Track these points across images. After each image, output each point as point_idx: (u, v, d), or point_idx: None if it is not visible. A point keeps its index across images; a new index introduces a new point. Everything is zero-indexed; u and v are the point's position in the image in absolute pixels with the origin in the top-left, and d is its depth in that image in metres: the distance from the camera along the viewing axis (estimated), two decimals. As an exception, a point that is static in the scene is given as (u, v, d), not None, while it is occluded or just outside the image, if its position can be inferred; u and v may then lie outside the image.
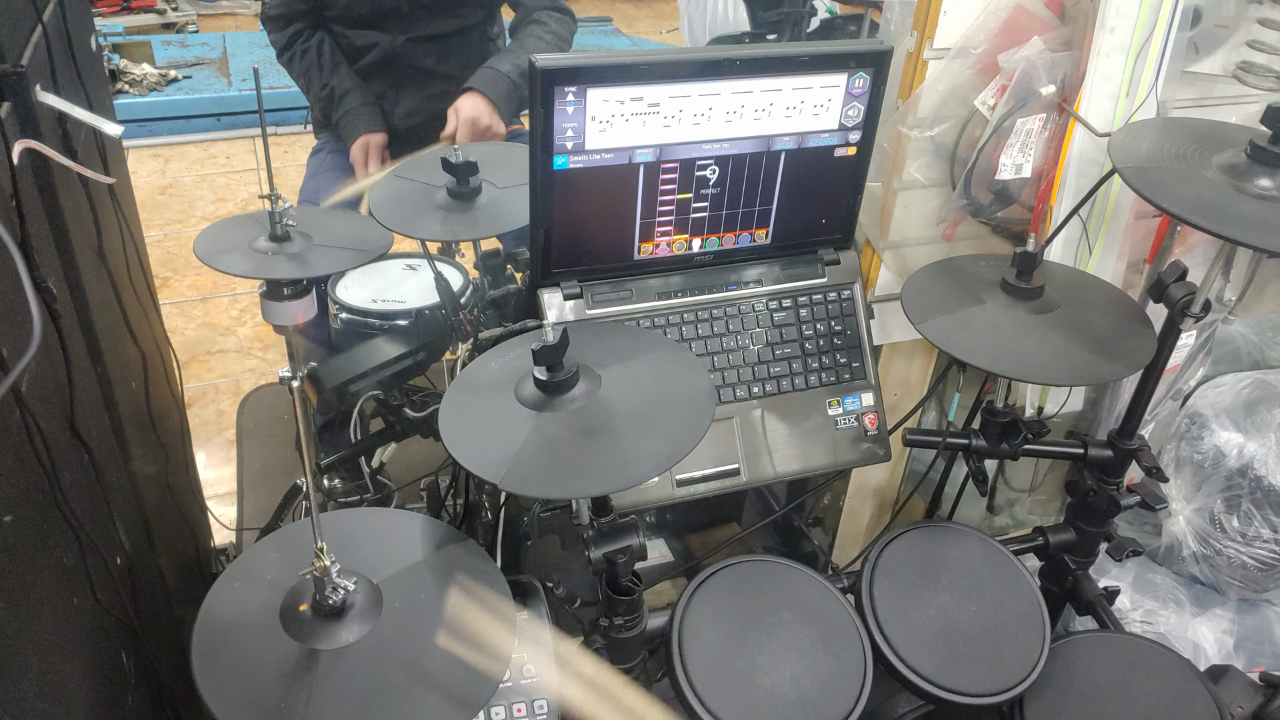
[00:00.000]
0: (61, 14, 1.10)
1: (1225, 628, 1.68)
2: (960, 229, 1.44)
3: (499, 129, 1.87)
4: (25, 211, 0.78)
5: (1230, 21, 1.33)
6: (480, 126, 1.84)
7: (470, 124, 1.82)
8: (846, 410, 1.32)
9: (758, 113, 1.18)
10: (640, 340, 1.11)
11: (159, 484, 1.41)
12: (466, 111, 1.83)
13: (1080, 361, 1.14)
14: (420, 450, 1.68)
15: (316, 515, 0.84)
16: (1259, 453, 1.62)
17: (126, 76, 4.22)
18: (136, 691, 1.00)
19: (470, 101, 1.84)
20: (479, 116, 1.83)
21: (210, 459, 2.40)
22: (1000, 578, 1.23)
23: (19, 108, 0.85)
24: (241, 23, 5.56)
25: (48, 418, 0.81)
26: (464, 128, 1.82)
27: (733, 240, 1.28)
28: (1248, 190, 1.08)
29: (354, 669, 0.82)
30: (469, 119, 1.82)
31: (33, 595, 0.72)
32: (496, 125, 1.86)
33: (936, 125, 1.34)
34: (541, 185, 1.15)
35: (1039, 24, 1.30)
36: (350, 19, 1.92)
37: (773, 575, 1.20)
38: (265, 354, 2.82)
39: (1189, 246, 1.45)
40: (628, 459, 0.89)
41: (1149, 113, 1.31)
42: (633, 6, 6.39)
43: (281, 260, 1.17)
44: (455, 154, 1.31)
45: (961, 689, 1.11)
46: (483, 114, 1.84)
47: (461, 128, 1.82)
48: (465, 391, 1.01)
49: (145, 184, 3.73)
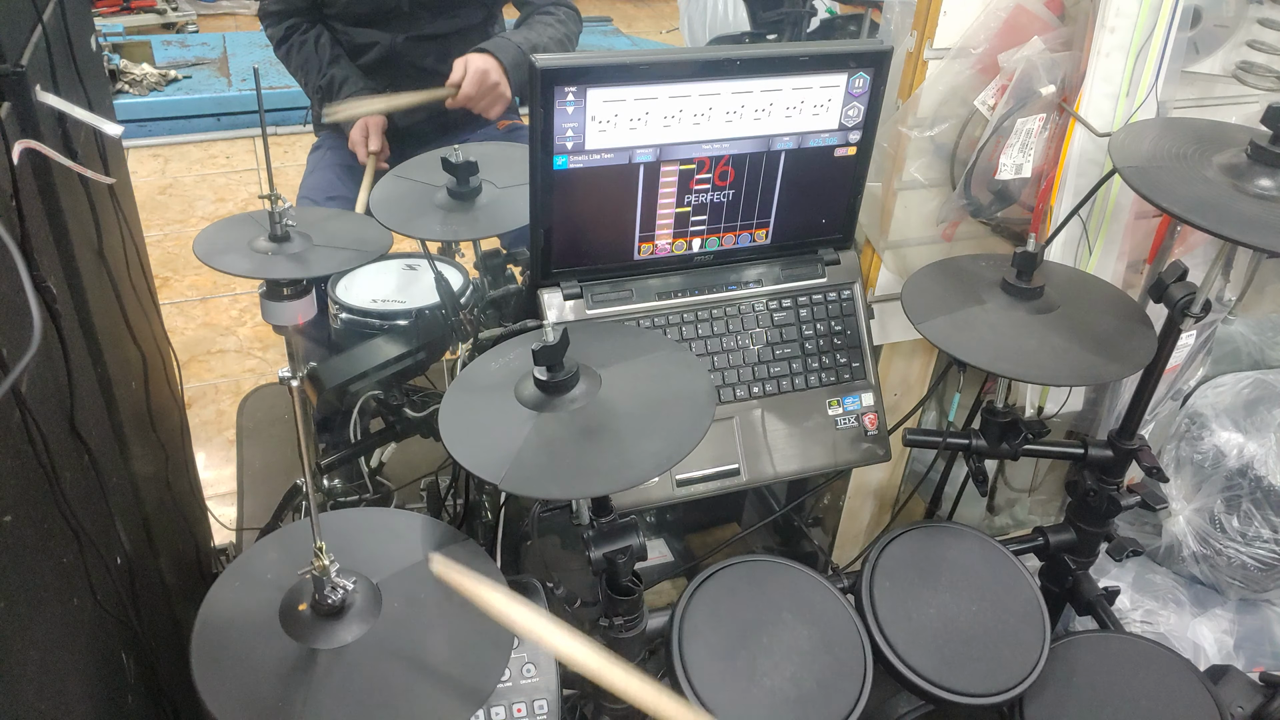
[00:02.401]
0: (61, 14, 1.10)
1: (1225, 628, 1.68)
2: (960, 229, 1.44)
3: (505, 91, 1.81)
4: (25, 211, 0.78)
5: (1230, 21, 1.33)
6: (489, 81, 1.76)
7: (480, 75, 1.75)
8: (846, 410, 1.32)
9: (758, 113, 1.18)
10: (640, 340, 1.11)
11: (159, 484, 1.40)
12: (477, 63, 1.75)
13: (1080, 361, 1.14)
14: (420, 450, 1.68)
15: (316, 515, 0.84)
16: (1259, 453, 1.62)
17: (126, 76, 4.22)
18: (136, 691, 1.00)
19: (481, 57, 1.78)
20: (489, 71, 1.76)
21: (210, 459, 2.40)
22: (1000, 578, 1.23)
23: (19, 108, 0.85)
24: (241, 23, 5.56)
25: (48, 418, 0.81)
26: (473, 76, 1.74)
27: (733, 240, 1.28)
28: (1248, 190, 1.08)
29: (353, 669, 0.82)
30: (479, 69, 1.75)
31: (33, 595, 0.72)
32: (504, 87, 1.80)
33: (936, 125, 1.34)
34: (541, 185, 1.15)
35: (1039, 24, 1.30)
36: (350, 16, 1.92)
37: (773, 575, 1.20)
38: (265, 354, 2.82)
39: (1189, 246, 1.45)
40: (628, 459, 0.89)
41: (1149, 113, 1.31)
42: (633, 6, 6.39)
43: (281, 260, 1.18)
44: (455, 154, 1.31)
45: (961, 689, 1.11)
46: (492, 70, 1.77)
47: (470, 76, 1.74)
48: (465, 391, 1.01)
49: (145, 184, 3.73)
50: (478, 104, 1.78)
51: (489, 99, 1.79)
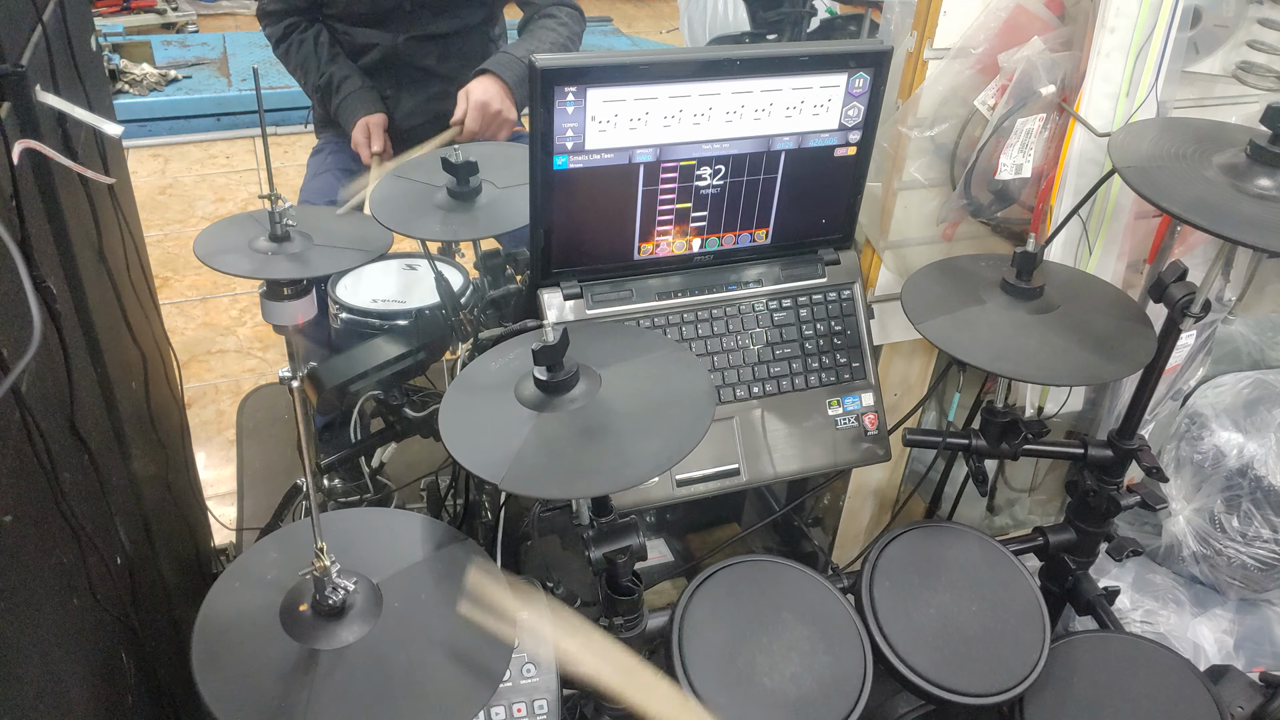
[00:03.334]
0: (61, 14, 1.10)
1: (1225, 628, 1.68)
2: (960, 229, 1.44)
3: (510, 114, 1.80)
4: (25, 211, 0.78)
5: (1230, 21, 1.33)
6: (491, 111, 1.76)
7: (480, 108, 1.74)
8: (846, 410, 1.32)
9: (758, 113, 1.18)
10: (640, 340, 1.11)
11: (159, 484, 1.40)
12: (477, 95, 1.75)
13: (1080, 361, 1.14)
14: (420, 450, 1.68)
15: (316, 515, 0.84)
16: (1259, 453, 1.62)
17: (126, 76, 4.22)
18: (136, 691, 1.00)
19: (482, 85, 1.77)
20: (489, 101, 1.75)
21: (210, 459, 2.40)
22: (1000, 578, 1.23)
23: (19, 108, 0.85)
24: (241, 23, 5.56)
25: (48, 418, 0.81)
26: (474, 112, 1.74)
27: (733, 240, 1.28)
28: (1248, 190, 1.08)
29: (354, 669, 0.82)
30: (479, 103, 1.74)
31: (33, 595, 0.72)
32: (508, 110, 1.79)
33: (936, 125, 1.34)
34: (541, 185, 1.15)
35: (1039, 24, 1.30)
36: (350, 16, 1.91)
37: (773, 575, 1.20)
38: (265, 354, 2.82)
39: (1189, 246, 1.45)
40: (628, 459, 0.89)
41: (1149, 113, 1.31)
42: (633, 6, 6.39)
43: (281, 260, 1.17)
44: (455, 154, 1.31)
45: (961, 689, 1.11)
46: (494, 98, 1.76)
47: (471, 112, 1.74)
48: (465, 391, 1.01)
49: (145, 184, 3.73)
50: (484, 135, 1.79)
51: (494, 127, 1.79)
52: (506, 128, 1.82)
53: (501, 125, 1.80)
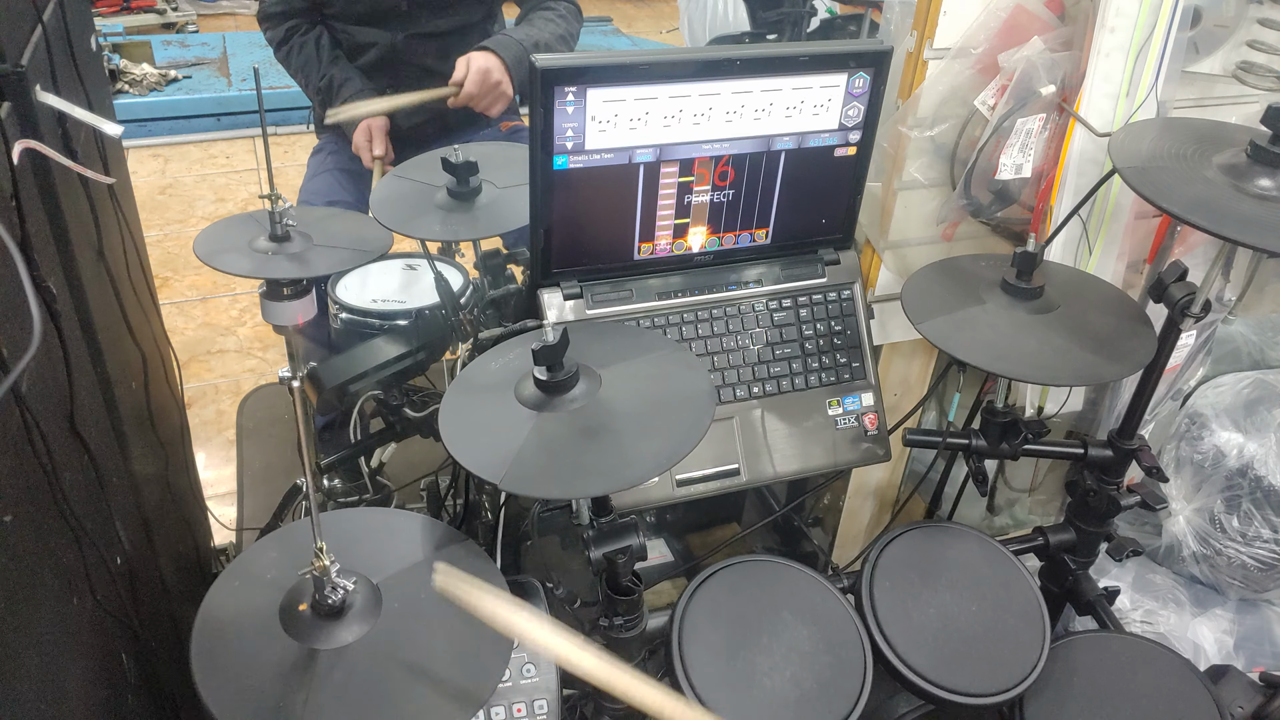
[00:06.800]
0: (61, 14, 1.10)
1: (1225, 628, 1.68)
2: (960, 229, 1.44)
3: (508, 89, 1.81)
4: (25, 211, 0.78)
5: (1230, 21, 1.33)
6: (491, 80, 1.77)
7: (482, 74, 1.75)
8: (846, 410, 1.32)
9: (758, 113, 1.18)
10: (640, 340, 1.11)
11: (159, 484, 1.40)
12: (479, 62, 1.76)
13: (1080, 361, 1.14)
14: (420, 450, 1.68)
15: (316, 515, 0.84)
16: (1259, 453, 1.62)
17: (126, 76, 4.22)
18: (136, 691, 1.00)
19: (483, 56, 1.78)
20: (491, 69, 1.77)
21: (210, 459, 2.40)
22: (1000, 578, 1.23)
23: (19, 108, 0.85)
24: (241, 23, 5.56)
25: (48, 418, 0.81)
26: (475, 75, 1.75)
27: (733, 240, 1.28)
28: (1248, 190, 1.08)
29: (353, 669, 0.82)
30: (481, 68, 1.75)
31: (33, 595, 0.72)
32: (506, 85, 1.80)
33: (936, 125, 1.34)
34: (541, 185, 1.15)
35: (1039, 24, 1.30)
36: (350, 15, 1.92)
37: (773, 575, 1.20)
38: (265, 354, 2.82)
39: (1189, 246, 1.45)
40: (628, 459, 0.89)
41: (1149, 113, 1.31)
42: (633, 6, 6.39)
43: (281, 260, 1.17)
44: (455, 154, 1.31)
45: (961, 689, 1.11)
46: (495, 68, 1.77)
47: (472, 75, 1.75)
48: (465, 391, 1.01)
49: (145, 184, 3.73)
50: (480, 102, 1.78)
51: (491, 97, 1.79)
52: (503, 101, 1.82)
53: (499, 98, 1.81)
